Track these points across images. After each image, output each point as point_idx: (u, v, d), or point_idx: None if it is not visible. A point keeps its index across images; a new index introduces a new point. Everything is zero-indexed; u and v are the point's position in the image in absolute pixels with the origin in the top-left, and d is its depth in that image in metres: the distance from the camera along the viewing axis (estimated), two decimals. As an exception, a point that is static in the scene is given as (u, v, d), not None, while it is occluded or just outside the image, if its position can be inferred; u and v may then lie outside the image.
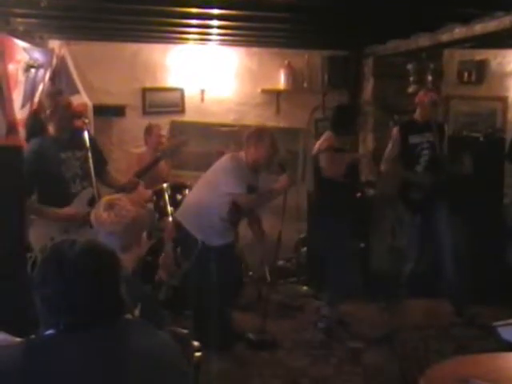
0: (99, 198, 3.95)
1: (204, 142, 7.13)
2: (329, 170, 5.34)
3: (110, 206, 2.86)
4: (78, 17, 5.43)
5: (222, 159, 5.09)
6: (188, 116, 7.18)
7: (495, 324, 3.49)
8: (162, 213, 5.82)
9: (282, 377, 4.67)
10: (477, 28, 5.14)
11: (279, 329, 5.44)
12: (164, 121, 6.98)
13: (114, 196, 3.09)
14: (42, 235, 4.27)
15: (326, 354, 4.99)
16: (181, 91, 7.14)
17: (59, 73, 6.15)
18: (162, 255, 5.29)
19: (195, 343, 3.05)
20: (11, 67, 4.88)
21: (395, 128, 5.71)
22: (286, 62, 7.22)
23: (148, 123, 6.58)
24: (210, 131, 7.10)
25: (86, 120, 4.62)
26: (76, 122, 4.53)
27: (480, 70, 7.52)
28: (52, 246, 1.85)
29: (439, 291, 5.73)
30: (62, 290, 1.73)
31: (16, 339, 2.10)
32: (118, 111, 6.93)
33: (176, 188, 5.96)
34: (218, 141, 7.05)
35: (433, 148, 5.54)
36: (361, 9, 4.93)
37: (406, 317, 5.55)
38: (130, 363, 1.75)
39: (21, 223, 4.06)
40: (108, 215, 2.83)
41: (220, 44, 6.91)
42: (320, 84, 7.35)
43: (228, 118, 7.23)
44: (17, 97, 4.99)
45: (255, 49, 7.17)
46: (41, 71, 5.55)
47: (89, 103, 6.30)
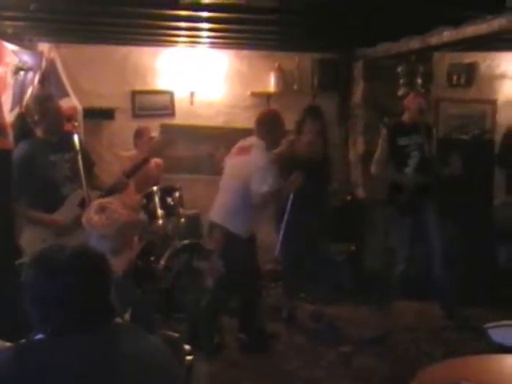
0: (90, 200, 3.94)
1: (194, 145, 7.12)
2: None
3: (102, 209, 2.85)
4: (68, 20, 5.41)
5: (258, 160, 4.97)
6: (178, 119, 7.17)
7: (486, 326, 3.51)
8: (152, 216, 5.80)
9: (274, 380, 4.67)
10: (466, 31, 5.16)
11: (270, 331, 5.42)
12: (154, 124, 6.96)
13: (106, 199, 3.09)
14: (35, 239, 4.25)
15: (317, 357, 4.98)
16: (170, 94, 7.13)
17: (48, 76, 6.12)
18: (208, 263, 5.21)
19: (186, 347, 3.05)
20: (0, 70, 4.86)
21: (383, 130, 5.74)
22: (276, 65, 7.22)
23: (138, 126, 6.56)
24: (200, 134, 7.08)
25: (76, 123, 4.60)
26: (66, 126, 4.51)
27: (469, 73, 7.55)
28: (41, 250, 1.84)
29: (430, 293, 5.75)
30: (51, 294, 1.73)
31: (6, 344, 2.09)
32: (108, 114, 6.90)
33: (166, 191, 5.94)
34: (208, 143, 7.03)
35: (421, 150, 5.56)
36: (351, 11, 4.94)
37: (398, 319, 5.56)
38: (120, 367, 1.74)
39: (11, 226, 4.05)
40: (99, 218, 2.82)
41: (210, 47, 6.91)
42: (310, 86, 7.36)
43: (218, 121, 7.23)
44: (6, 100, 4.97)
45: (245, 51, 7.17)
46: (30, 74, 5.54)
47: (78, 106, 6.28)
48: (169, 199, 5.91)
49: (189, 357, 2.98)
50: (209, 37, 6.28)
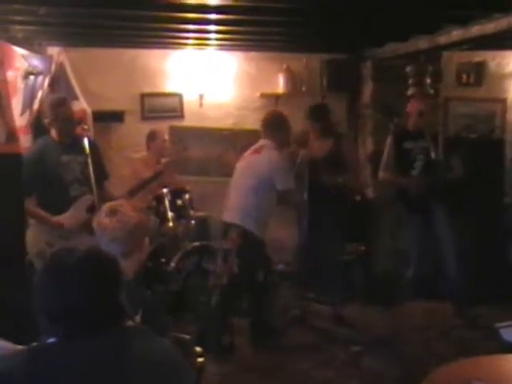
0: (99, 206, 3.96)
1: (203, 147, 7.13)
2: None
3: (113, 212, 2.85)
4: (77, 23, 5.43)
5: (271, 157, 5.06)
6: (187, 121, 7.18)
7: (497, 325, 3.49)
8: (163, 218, 5.81)
9: (285, 380, 4.67)
10: (475, 30, 5.14)
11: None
12: (163, 126, 6.96)
13: (116, 202, 3.09)
14: (38, 239, 4.28)
15: (328, 357, 4.98)
16: (179, 96, 7.14)
17: (58, 79, 6.15)
18: (223, 262, 5.16)
19: (197, 349, 3.05)
20: (10, 74, 4.88)
21: (389, 136, 5.79)
22: (285, 66, 7.22)
23: (151, 129, 6.57)
24: (209, 136, 7.09)
25: (86, 126, 4.63)
26: (76, 129, 4.54)
27: (478, 72, 7.53)
28: (52, 254, 1.85)
29: (440, 293, 5.73)
30: (62, 298, 1.73)
31: (16, 346, 2.09)
32: (117, 117, 6.91)
33: (176, 193, 5.95)
34: (217, 145, 7.04)
35: (427, 153, 5.56)
36: (359, 12, 4.93)
37: (408, 319, 5.55)
38: (132, 370, 1.75)
39: (20, 230, 4.06)
40: (110, 221, 2.83)
41: (218, 49, 6.91)
42: (319, 88, 7.34)
43: (227, 123, 7.23)
44: (16, 104, 5.00)
45: (253, 53, 7.17)
46: (40, 78, 5.56)
47: (88, 109, 6.30)
48: (179, 201, 5.92)
49: (200, 359, 2.99)
50: (217, 39, 6.28)
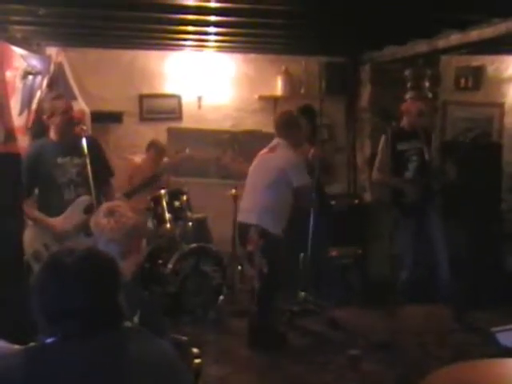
0: (98, 206, 3.96)
1: (201, 149, 7.13)
2: None
3: (110, 213, 2.85)
4: (75, 24, 5.44)
5: (287, 155, 5.14)
6: (185, 123, 7.18)
7: (493, 330, 3.49)
8: (160, 220, 5.81)
9: (282, 383, 4.66)
10: (473, 34, 5.16)
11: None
12: (161, 127, 6.98)
13: (114, 202, 3.09)
14: (35, 240, 4.27)
15: (325, 361, 4.97)
16: (178, 98, 7.14)
17: (57, 79, 6.14)
18: (253, 266, 5.19)
19: (195, 350, 3.05)
20: (9, 74, 4.88)
21: (383, 136, 5.74)
22: (283, 69, 7.22)
23: (151, 140, 6.57)
24: (208, 138, 7.09)
25: (84, 127, 4.62)
26: (75, 129, 4.53)
27: (477, 76, 7.54)
28: (51, 254, 1.85)
29: (437, 296, 5.74)
30: (61, 298, 1.73)
31: (14, 346, 2.09)
32: (116, 118, 6.92)
33: (174, 194, 5.94)
34: (216, 147, 7.05)
35: (421, 154, 5.57)
36: (358, 15, 4.94)
37: (405, 322, 5.54)
38: (129, 371, 1.74)
39: (18, 230, 4.06)
40: (108, 222, 2.83)
41: (217, 50, 6.92)
42: (317, 90, 7.35)
43: (225, 125, 7.23)
44: (14, 104, 5.00)
45: (252, 55, 7.18)
46: (38, 78, 5.56)
47: (86, 110, 6.30)
48: (176, 203, 5.91)
49: (197, 360, 2.98)
50: (216, 41, 6.29)
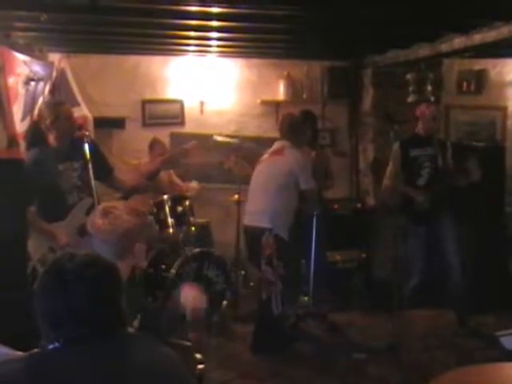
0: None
1: (204, 154, 7.12)
2: None
3: (105, 214, 2.83)
4: (78, 30, 5.45)
5: (296, 156, 5.16)
6: (188, 128, 7.19)
7: (497, 334, 3.48)
8: (163, 225, 5.81)
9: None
10: (476, 38, 5.16)
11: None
12: (164, 132, 6.98)
13: (111, 203, 3.06)
14: (41, 245, 4.26)
15: (330, 364, 4.96)
16: (180, 103, 7.15)
17: (59, 85, 6.16)
18: (272, 271, 5.11)
19: (197, 355, 3.04)
20: (11, 80, 4.89)
21: (395, 144, 5.66)
22: (286, 73, 7.23)
23: (152, 138, 6.58)
24: (210, 143, 7.09)
25: (87, 132, 4.61)
26: (77, 134, 4.52)
27: (479, 80, 7.55)
28: (52, 260, 1.84)
29: (441, 301, 5.71)
30: (62, 303, 1.72)
31: (17, 353, 2.09)
32: (118, 123, 6.93)
33: (176, 199, 5.95)
34: (218, 152, 7.04)
35: (434, 161, 5.51)
36: (360, 19, 4.94)
37: (410, 327, 5.52)
38: (132, 377, 1.73)
39: (22, 235, 4.06)
40: (102, 222, 2.81)
41: (219, 56, 6.93)
42: (320, 95, 7.36)
43: (228, 130, 7.23)
44: (17, 110, 5.00)
45: (254, 60, 7.19)
46: (41, 84, 5.56)
47: (89, 115, 6.31)
48: (179, 208, 5.92)
49: (200, 365, 2.98)
50: (218, 46, 6.30)
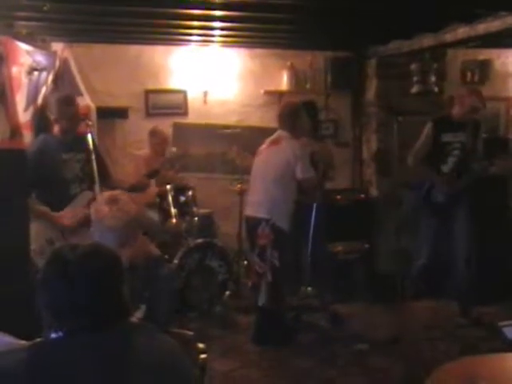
0: None
1: (207, 144, 7.13)
2: None
3: (113, 201, 2.82)
4: (81, 19, 5.43)
5: (293, 146, 5.12)
6: (191, 118, 7.18)
7: (500, 324, 3.48)
8: (166, 215, 5.82)
9: (288, 378, 4.66)
10: (480, 28, 5.14)
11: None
12: (167, 123, 6.97)
13: (116, 191, 3.06)
14: (39, 235, 4.26)
15: (332, 356, 4.97)
16: (183, 93, 7.13)
17: (62, 75, 6.14)
18: (265, 260, 5.11)
19: (200, 345, 3.04)
20: (14, 70, 4.88)
21: (429, 123, 5.52)
22: (289, 64, 7.21)
23: (152, 127, 6.58)
24: (213, 133, 7.08)
25: (90, 122, 4.61)
26: (80, 126, 4.53)
27: (483, 70, 7.52)
28: (54, 250, 1.84)
29: (444, 292, 5.71)
30: (65, 294, 1.73)
31: (21, 342, 2.09)
32: (121, 113, 6.91)
33: (179, 190, 5.95)
34: (221, 142, 7.04)
35: (463, 148, 5.42)
36: (364, 9, 4.92)
37: (412, 318, 5.53)
38: (134, 367, 1.74)
39: (24, 226, 4.05)
40: (110, 209, 2.79)
41: (222, 46, 6.91)
42: (323, 85, 7.34)
43: (231, 120, 7.22)
44: (20, 100, 4.99)
45: (258, 50, 7.16)
46: (44, 74, 5.56)
47: (92, 105, 6.29)
48: (182, 198, 5.93)
49: (202, 355, 2.98)
50: (221, 36, 6.28)
